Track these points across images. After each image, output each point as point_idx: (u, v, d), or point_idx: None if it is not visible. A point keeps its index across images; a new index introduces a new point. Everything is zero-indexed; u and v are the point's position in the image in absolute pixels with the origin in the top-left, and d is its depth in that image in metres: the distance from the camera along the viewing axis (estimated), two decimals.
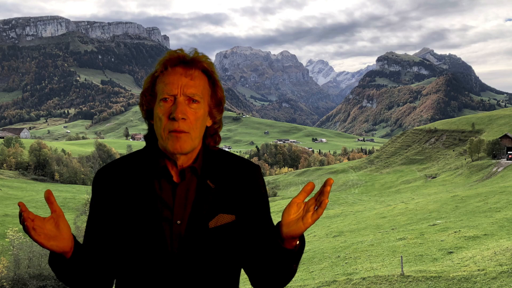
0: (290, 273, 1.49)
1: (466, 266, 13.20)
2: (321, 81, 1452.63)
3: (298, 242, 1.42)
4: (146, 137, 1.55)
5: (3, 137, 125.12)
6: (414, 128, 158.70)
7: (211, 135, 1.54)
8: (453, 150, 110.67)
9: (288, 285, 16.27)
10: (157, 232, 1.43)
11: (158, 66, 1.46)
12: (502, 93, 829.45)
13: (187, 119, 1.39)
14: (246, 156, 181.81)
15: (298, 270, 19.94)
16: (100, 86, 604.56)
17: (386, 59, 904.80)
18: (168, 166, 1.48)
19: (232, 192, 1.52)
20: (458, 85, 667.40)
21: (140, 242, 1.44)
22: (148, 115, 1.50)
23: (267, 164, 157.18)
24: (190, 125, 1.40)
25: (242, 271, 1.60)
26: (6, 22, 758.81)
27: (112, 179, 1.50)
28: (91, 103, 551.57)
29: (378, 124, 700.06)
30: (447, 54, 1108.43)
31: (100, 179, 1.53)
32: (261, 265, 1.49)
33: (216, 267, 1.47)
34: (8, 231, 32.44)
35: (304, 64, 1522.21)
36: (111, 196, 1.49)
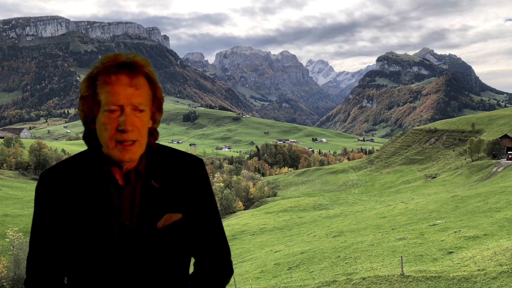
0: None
1: (466, 266, 13.19)
2: (321, 81, 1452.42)
3: None
4: (86, 140, 1.54)
5: (3, 137, 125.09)
6: (414, 128, 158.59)
7: (151, 133, 1.55)
8: (453, 150, 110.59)
9: (288, 285, 16.27)
10: (106, 236, 1.46)
11: (96, 71, 1.45)
12: (502, 93, 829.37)
13: (135, 129, 1.43)
14: (246, 156, 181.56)
15: (298, 270, 19.84)
16: None
17: (386, 59, 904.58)
18: (112, 170, 1.50)
19: (177, 190, 1.56)
20: (458, 85, 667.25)
21: (90, 246, 1.46)
22: (88, 120, 1.49)
23: (267, 164, 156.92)
24: (138, 133, 1.44)
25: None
26: (6, 22, 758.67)
27: (57, 183, 1.51)
28: None
29: (378, 124, 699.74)
30: (447, 54, 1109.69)
31: (45, 183, 1.52)
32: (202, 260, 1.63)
33: (167, 263, 1.53)
34: (8, 231, 32.43)
35: (304, 64, 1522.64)
36: (57, 201, 1.50)
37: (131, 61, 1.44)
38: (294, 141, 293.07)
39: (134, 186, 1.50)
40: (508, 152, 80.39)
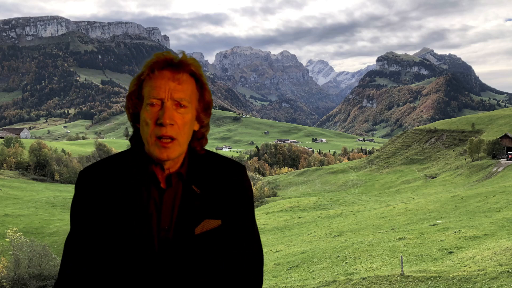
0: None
1: (466, 266, 13.19)
2: (321, 81, 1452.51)
3: None
4: (131, 140, 1.54)
5: (3, 137, 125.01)
6: (414, 128, 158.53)
7: (198, 139, 1.53)
8: (453, 150, 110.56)
9: (288, 285, 16.26)
10: (145, 238, 1.44)
11: (145, 69, 1.45)
12: (502, 93, 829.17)
13: (174, 124, 1.39)
14: (246, 156, 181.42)
15: (298, 270, 19.85)
16: (100, 86, 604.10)
17: (386, 59, 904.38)
18: (155, 171, 1.47)
19: (218, 196, 1.53)
20: (458, 85, 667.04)
21: (128, 247, 1.44)
22: (134, 118, 1.49)
23: (267, 164, 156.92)
24: (178, 130, 1.40)
25: None
26: (6, 22, 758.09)
27: (97, 181, 1.49)
28: (91, 103, 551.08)
29: (378, 124, 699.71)
30: (447, 54, 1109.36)
31: (85, 180, 1.50)
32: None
33: (203, 270, 1.49)
34: (8, 231, 32.39)
35: (304, 64, 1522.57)
36: (96, 199, 1.47)
37: (178, 60, 1.44)
38: (294, 141, 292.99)
39: (175, 189, 1.48)
40: (508, 152, 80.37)
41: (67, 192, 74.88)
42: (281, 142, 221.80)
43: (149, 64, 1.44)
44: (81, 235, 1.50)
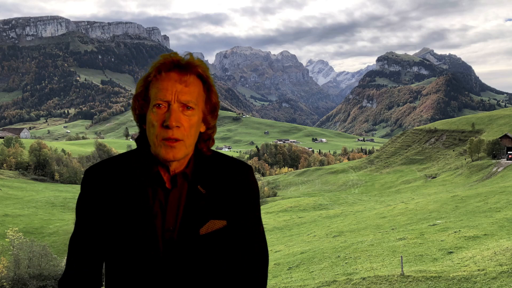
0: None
1: (466, 266, 13.19)
2: (321, 81, 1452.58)
3: None
4: (137, 141, 1.53)
5: (3, 137, 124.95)
6: (414, 128, 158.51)
7: (205, 140, 1.53)
8: (453, 150, 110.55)
9: (288, 285, 16.26)
10: (150, 239, 1.43)
11: (152, 70, 1.44)
12: (502, 93, 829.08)
13: (181, 126, 1.39)
14: (246, 156, 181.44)
15: (298, 270, 19.81)
16: (100, 86, 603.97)
17: (386, 59, 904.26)
18: (160, 172, 1.47)
19: (223, 197, 1.51)
20: (458, 85, 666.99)
21: (133, 247, 1.44)
22: (140, 120, 1.49)
23: (267, 164, 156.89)
24: (184, 132, 1.39)
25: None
26: (6, 22, 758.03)
27: (104, 180, 1.48)
28: (91, 103, 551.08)
29: (378, 124, 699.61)
30: (447, 54, 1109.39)
31: (91, 179, 1.50)
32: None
33: (208, 271, 1.49)
34: (8, 231, 32.40)
35: (304, 64, 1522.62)
36: (102, 197, 1.47)
37: (185, 61, 1.43)
38: (294, 141, 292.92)
39: (180, 190, 1.47)
40: (508, 152, 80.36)
41: (67, 192, 74.86)
42: (281, 142, 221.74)
43: (156, 66, 1.43)
44: (86, 234, 1.50)
